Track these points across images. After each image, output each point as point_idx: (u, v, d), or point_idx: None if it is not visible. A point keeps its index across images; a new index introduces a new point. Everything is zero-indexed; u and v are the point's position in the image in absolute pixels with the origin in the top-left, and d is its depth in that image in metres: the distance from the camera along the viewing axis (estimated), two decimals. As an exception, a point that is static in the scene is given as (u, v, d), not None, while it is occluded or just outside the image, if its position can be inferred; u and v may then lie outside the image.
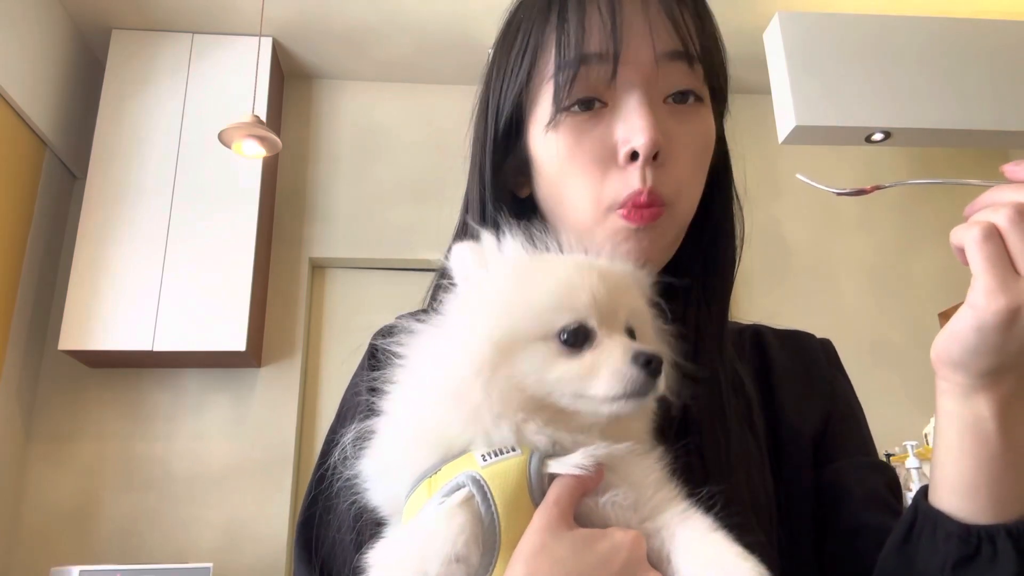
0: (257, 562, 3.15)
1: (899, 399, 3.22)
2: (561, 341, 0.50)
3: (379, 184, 3.71)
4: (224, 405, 3.34)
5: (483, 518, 0.45)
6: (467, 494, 0.46)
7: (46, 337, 3.30)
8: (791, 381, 0.73)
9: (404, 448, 0.52)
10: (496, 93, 0.70)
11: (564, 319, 0.51)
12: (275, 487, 3.26)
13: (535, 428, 0.49)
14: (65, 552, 3.07)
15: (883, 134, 3.04)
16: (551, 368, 0.50)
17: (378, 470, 0.54)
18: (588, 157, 0.63)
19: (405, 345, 0.55)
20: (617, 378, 0.49)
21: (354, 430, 0.56)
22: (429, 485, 0.48)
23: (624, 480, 0.49)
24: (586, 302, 0.51)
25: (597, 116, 0.63)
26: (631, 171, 0.62)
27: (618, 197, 0.62)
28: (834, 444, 0.70)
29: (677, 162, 0.63)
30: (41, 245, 3.30)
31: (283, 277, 3.55)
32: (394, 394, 0.55)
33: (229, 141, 2.77)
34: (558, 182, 0.65)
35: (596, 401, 0.49)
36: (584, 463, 0.47)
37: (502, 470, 0.47)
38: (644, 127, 0.60)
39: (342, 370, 3.80)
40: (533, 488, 0.47)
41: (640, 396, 0.50)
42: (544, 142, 0.65)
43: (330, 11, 3.41)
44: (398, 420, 0.54)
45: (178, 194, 3.24)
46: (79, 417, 3.25)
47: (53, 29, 3.28)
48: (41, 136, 3.24)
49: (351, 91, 3.86)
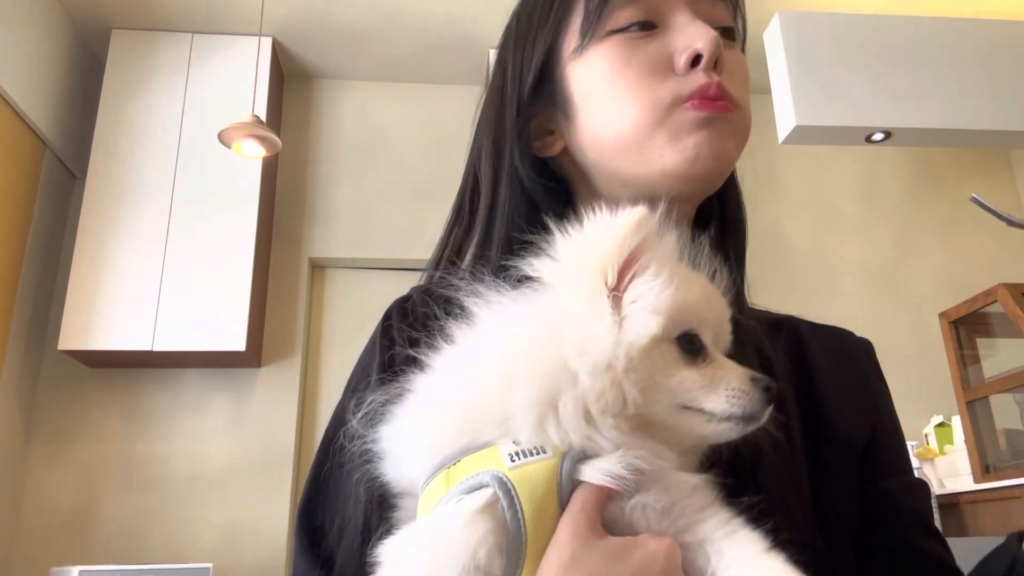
0: (257, 562, 3.15)
1: (899, 399, 3.21)
2: (680, 347, 0.47)
3: (379, 184, 3.71)
4: (224, 405, 3.34)
5: (508, 525, 0.41)
6: (491, 496, 0.42)
7: (46, 337, 3.30)
8: (835, 384, 0.69)
9: (432, 423, 0.47)
10: (521, 46, 0.68)
11: (691, 324, 0.48)
12: (275, 487, 3.26)
13: (613, 436, 0.44)
14: (65, 552, 3.07)
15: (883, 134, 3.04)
16: (671, 372, 0.47)
17: (396, 443, 0.50)
18: (644, 67, 0.61)
19: (478, 306, 0.50)
20: (739, 396, 0.47)
21: (381, 392, 0.51)
22: (447, 477, 0.44)
23: (655, 482, 0.44)
24: (715, 317, 0.50)
25: (649, 35, 0.62)
26: (694, 73, 0.60)
27: (683, 92, 0.60)
28: (882, 460, 0.67)
29: (730, 79, 0.62)
30: (41, 245, 3.30)
31: (283, 277, 3.55)
32: (447, 353, 0.50)
33: (229, 141, 2.77)
34: (605, 100, 0.62)
35: (705, 417, 0.46)
36: (618, 471, 0.43)
37: (532, 473, 0.43)
38: (706, 33, 0.59)
39: (342, 370, 3.80)
40: (563, 493, 0.43)
41: (753, 421, 0.47)
42: (585, 66, 0.63)
43: (330, 11, 3.41)
44: (441, 383, 0.49)
45: (178, 194, 3.24)
46: (79, 417, 3.25)
47: (53, 29, 3.28)
48: (41, 136, 3.24)
49: (351, 91, 3.86)
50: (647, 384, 0.46)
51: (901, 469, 0.68)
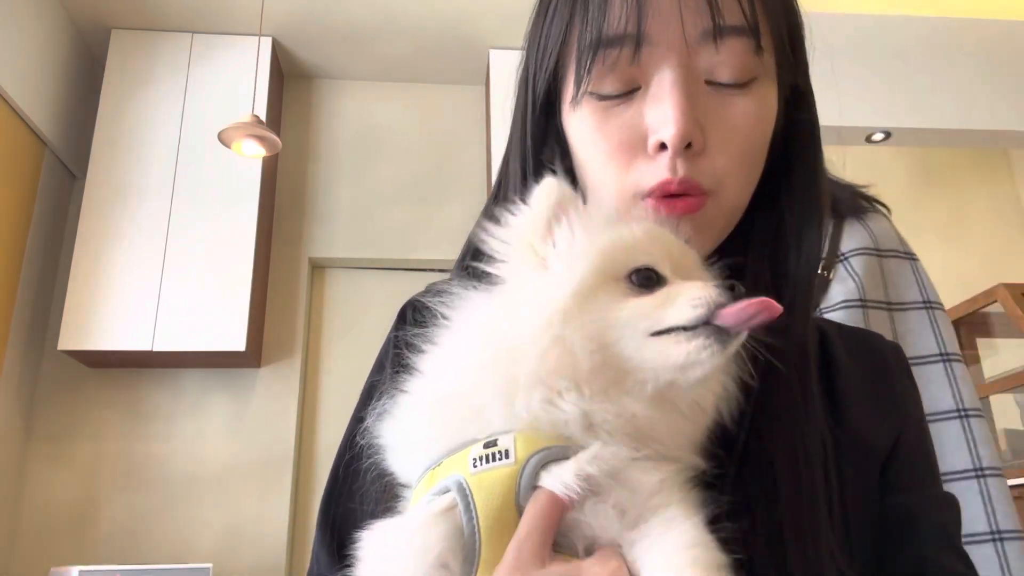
0: (257, 562, 3.15)
1: (899, 399, 3.21)
2: (631, 282, 0.46)
3: (379, 184, 3.72)
4: (224, 405, 3.34)
5: (463, 529, 0.42)
6: (451, 501, 0.42)
7: (46, 337, 3.30)
8: (859, 389, 0.65)
9: (420, 423, 0.48)
10: (532, 65, 0.65)
11: (640, 259, 0.47)
12: (275, 487, 3.26)
13: (573, 399, 0.43)
14: (65, 552, 3.07)
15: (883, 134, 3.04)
16: (621, 306, 0.45)
17: (394, 440, 0.51)
18: (614, 142, 0.58)
19: (451, 307, 0.51)
20: (698, 302, 0.44)
21: (382, 402, 0.52)
22: (431, 477, 0.45)
23: (623, 483, 0.42)
24: (664, 250, 0.48)
25: (629, 98, 0.57)
26: (660, 159, 0.56)
27: (644, 185, 0.56)
28: (904, 473, 0.63)
29: (720, 150, 0.57)
30: (41, 245, 3.30)
31: (283, 277, 3.55)
32: (430, 355, 0.50)
33: (229, 141, 2.77)
34: (583, 165, 0.61)
35: (674, 339, 0.44)
36: (582, 473, 0.41)
37: (489, 480, 0.42)
38: (674, 117, 0.54)
39: (342, 370, 3.81)
40: (521, 501, 0.42)
41: (728, 337, 0.44)
42: (573, 122, 0.61)
43: (330, 11, 3.41)
44: (426, 384, 0.50)
45: (178, 194, 3.24)
46: (79, 417, 3.25)
47: (53, 29, 3.28)
48: (41, 136, 3.24)
49: (351, 91, 3.86)
50: (595, 327, 0.44)
51: (924, 482, 0.64)
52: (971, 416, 1.16)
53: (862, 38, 3.06)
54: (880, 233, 1.30)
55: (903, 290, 1.27)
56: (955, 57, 3.09)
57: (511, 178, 0.67)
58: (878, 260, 1.27)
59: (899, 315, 1.24)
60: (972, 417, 1.16)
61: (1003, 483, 1.14)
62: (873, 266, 1.26)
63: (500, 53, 3.55)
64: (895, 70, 3.03)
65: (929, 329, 1.23)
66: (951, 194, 4.06)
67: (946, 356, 1.20)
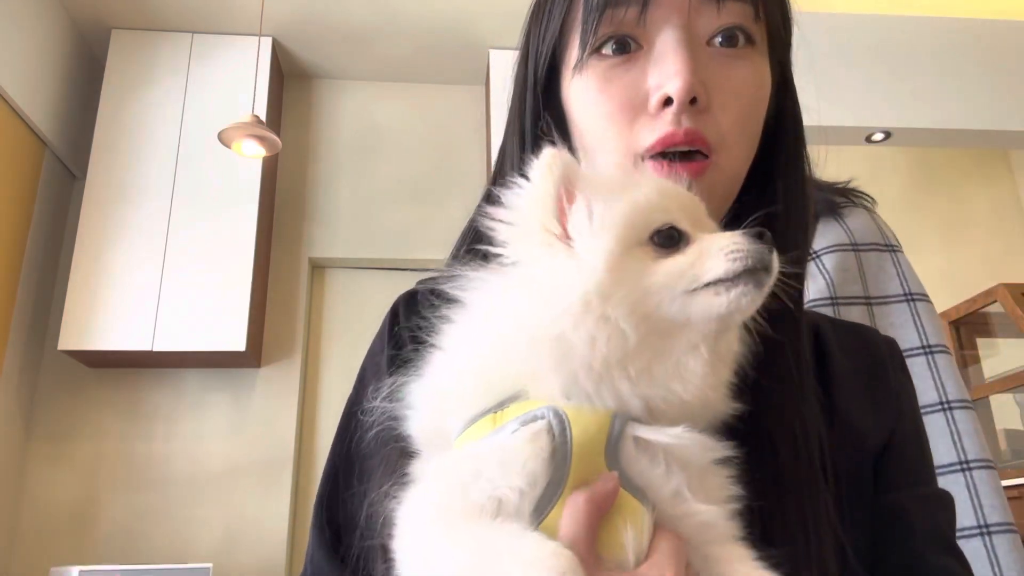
0: (257, 562, 3.15)
1: (899, 399, 3.21)
2: (655, 244, 0.46)
3: (379, 184, 3.72)
4: (224, 405, 3.34)
5: (556, 452, 0.42)
6: (546, 425, 0.42)
7: (46, 337, 3.30)
8: (853, 383, 0.65)
9: (462, 380, 0.47)
10: (535, 39, 0.66)
11: (659, 218, 0.46)
12: (275, 487, 3.26)
13: (629, 388, 0.43)
14: (65, 552, 3.07)
15: (883, 134, 3.05)
16: (652, 270, 0.45)
17: (426, 397, 0.49)
18: (616, 103, 0.58)
19: (467, 289, 0.49)
20: (735, 253, 0.44)
21: (389, 383, 0.51)
22: (494, 419, 0.44)
23: (694, 474, 0.44)
24: (678, 204, 0.48)
25: (631, 60, 0.58)
26: (663, 116, 0.56)
27: (647, 142, 0.56)
28: (897, 470, 0.63)
29: (723, 110, 0.57)
30: (41, 245, 3.30)
31: (283, 277, 3.55)
32: (451, 332, 0.49)
33: (229, 141, 2.77)
34: (585, 131, 0.61)
35: (713, 290, 0.44)
36: (680, 435, 0.43)
37: (586, 415, 0.42)
38: (679, 70, 0.55)
39: (342, 370, 3.81)
40: (611, 447, 0.42)
41: (765, 274, 0.44)
42: (574, 89, 0.61)
43: (330, 11, 3.41)
44: (458, 355, 0.49)
45: (178, 194, 3.24)
46: (79, 417, 3.25)
47: (53, 29, 3.28)
48: (41, 136, 3.24)
49: (351, 91, 3.86)
50: (634, 298, 0.44)
51: (918, 479, 0.64)
52: (955, 408, 1.13)
53: (862, 38, 3.06)
54: (858, 228, 1.28)
55: (884, 283, 1.25)
56: (955, 57, 3.09)
57: (509, 157, 0.67)
58: (855, 255, 1.25)
59: (879, 309, 1.22)
60: (956, 409, 1.13)
61: (992, 475, 1.10)
62: (848, 261, 1.24)
63: (500, 53, 3.55)
64: (895, 70, 3.03)
65: (911, 322, 1.21)
66: (951, 194, 4.06)
67: (928, 348, 1.18)
